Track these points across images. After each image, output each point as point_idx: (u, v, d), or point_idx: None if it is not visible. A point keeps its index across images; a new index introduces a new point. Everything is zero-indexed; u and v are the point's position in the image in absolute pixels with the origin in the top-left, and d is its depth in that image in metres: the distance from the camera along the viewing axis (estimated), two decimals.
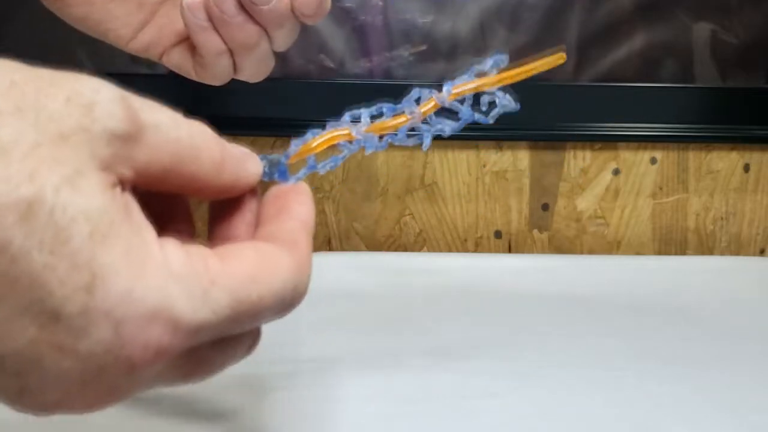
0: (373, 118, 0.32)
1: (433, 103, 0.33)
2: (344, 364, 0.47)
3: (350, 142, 0.32)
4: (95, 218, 0.21)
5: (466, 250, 0.73)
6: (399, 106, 0.33)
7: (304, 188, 0.28)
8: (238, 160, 0.26)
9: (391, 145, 0.32)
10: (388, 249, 0.73)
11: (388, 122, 0.32)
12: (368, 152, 0.32)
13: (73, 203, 0.20)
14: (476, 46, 0.69)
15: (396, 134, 0.32)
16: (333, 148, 0.32)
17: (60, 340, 0.21)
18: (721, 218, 0.74)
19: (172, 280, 0.22)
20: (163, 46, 0.42)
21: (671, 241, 0.74)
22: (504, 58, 0.33)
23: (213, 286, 0.22)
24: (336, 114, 0.32)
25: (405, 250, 0.73)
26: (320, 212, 0.73)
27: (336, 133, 0.31)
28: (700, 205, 0.74)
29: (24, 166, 0.20)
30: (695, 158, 0.73)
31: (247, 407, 0.41)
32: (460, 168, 0.71)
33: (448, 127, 0.33)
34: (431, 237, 0.73)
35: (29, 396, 0.22)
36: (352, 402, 0.42)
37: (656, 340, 0.52)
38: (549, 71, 0.33)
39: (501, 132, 0.70)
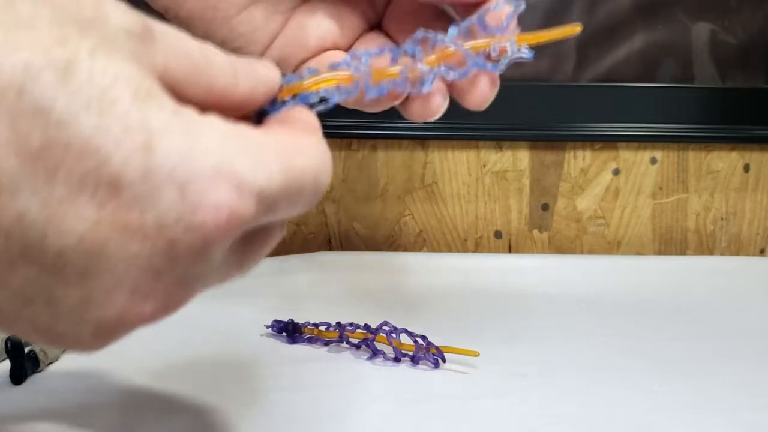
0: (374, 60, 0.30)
1: (440, 53, 0.30)
2: (343, 364, 0.47)
3: (349, 84, 0.29)
4: (135, 80, 0.19)
5: (466, 250, 0.73)
6: (403, 48, 0.31)
7: (302, 107, 0.27)
8: (249, 64, 0.24)
9: (393, 141, 0.31)
10: (388, 249, 0.73)
11: (390, 69, 0.30)
12: (368, 98, 0.29)
13: (110, 65, 0.19)
14: None
15: (397, 80, 0.30)
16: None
17: (124, 216, 0.19)
18: (721, 218, 0.74)
19: (227, 139, 0.20)
20: (293, 63, 0.35)
21: (671, 241, 0.74)
22: (520, 4, 0.32)
23: (263, 149, 0.21)
24: (335, 115, 0.32)
25: (405, 250, 0.73)
26: (320, 212, 0.73)
27: (334, 75, 0.29)
28: (700, 205, 0.74)
29: (52, 34, 0.18)
30: (695, 158, 0.73)
31: (247, 407, 0.41)
32: (460, 168, 0.71)
33: (453, 73, 0.31)
34: (431, 237, 0.73)
35: (93, 308, 0.20)
36: (352, 402, 0.42)
37: (656, 340, 0.52)
38: (549, 71, 0.33)
39: (501, 132, 0.70)
